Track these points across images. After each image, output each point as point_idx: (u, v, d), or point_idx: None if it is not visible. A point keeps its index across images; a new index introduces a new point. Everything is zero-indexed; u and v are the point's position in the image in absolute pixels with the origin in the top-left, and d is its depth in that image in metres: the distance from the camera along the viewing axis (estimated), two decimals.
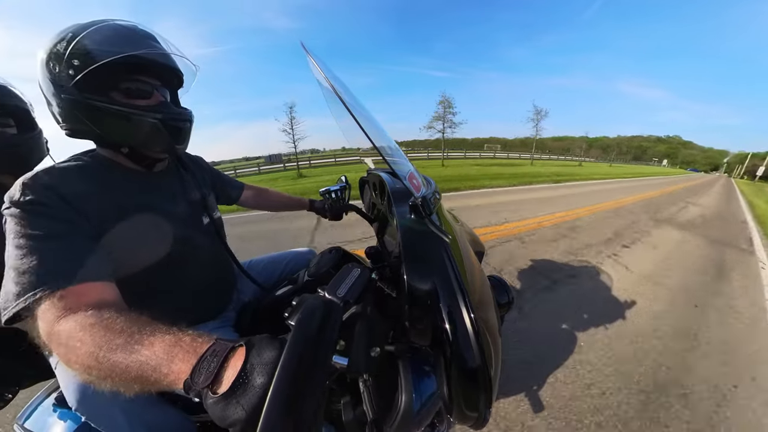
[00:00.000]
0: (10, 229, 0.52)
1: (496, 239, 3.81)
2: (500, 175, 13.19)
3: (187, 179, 0.86)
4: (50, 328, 0.46)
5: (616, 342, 2.00)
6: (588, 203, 6.99)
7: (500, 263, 3.09)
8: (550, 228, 4.51)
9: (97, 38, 0.58)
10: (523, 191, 8.73)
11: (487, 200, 6.72)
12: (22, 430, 0.93)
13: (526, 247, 3.58)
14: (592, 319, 2.20)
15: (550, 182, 11.65)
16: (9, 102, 0.95)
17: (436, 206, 0.78)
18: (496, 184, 9.67)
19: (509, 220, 4.83)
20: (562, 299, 2.45)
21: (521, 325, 2.10)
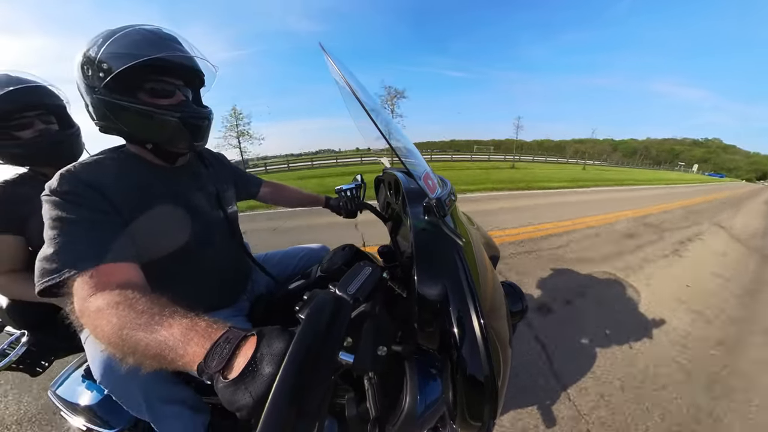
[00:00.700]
0: (47, 213, 0.57)
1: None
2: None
3: (207, 174, 0.90)
4: (82, 305, 0.50)
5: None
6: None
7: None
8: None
9: (124, 43, 0.63)
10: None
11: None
12: (55, 397, 1.02)
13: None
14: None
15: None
16: (51, 101, 1.04)
17: (450, 208, 0.77)
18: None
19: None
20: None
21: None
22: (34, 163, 1.05)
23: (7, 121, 0.95)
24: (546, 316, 2.25)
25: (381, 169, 1.26)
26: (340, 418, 0.60)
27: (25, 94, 0.97)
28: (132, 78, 0.64)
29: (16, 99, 0.94)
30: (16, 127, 0.97)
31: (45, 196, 0.59)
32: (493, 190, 9.44)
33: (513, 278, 2.80)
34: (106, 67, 0.62)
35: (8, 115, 0.94)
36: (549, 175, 17.40)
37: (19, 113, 0.96)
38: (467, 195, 8.26)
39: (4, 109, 0.93)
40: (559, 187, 10.81)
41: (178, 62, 0.68)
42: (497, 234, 4.12)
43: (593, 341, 1.98)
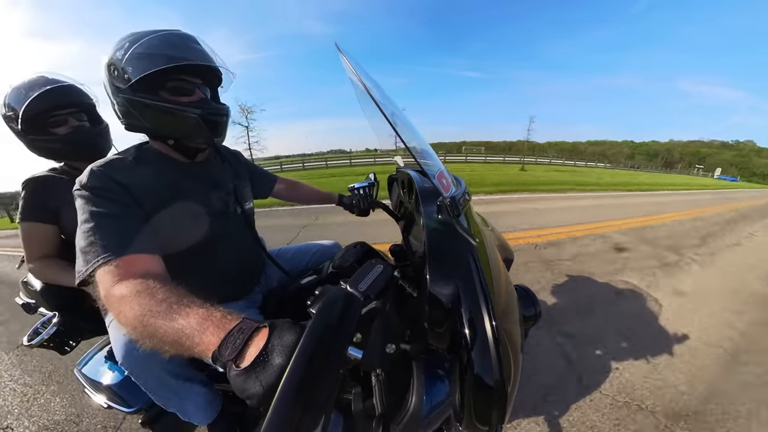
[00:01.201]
0: (78, 207, 0.62)
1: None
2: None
3: (224, 170, 0.93)
4: (107, 292, 0.53)
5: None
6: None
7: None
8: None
9: (149, 46, 0.67)
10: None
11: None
12: (80, 374, 1.09)
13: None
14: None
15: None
16: (83, 100, 1.12)
17: (465, 208, 0.76)
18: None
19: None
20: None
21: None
22: (68, 158, 1.12)
23: (44, 119, 1.03)
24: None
25: (393, 169, 1.26)
26: (346, 412, 0.60)
27: (59, 94, 1.04)
28: (155, 78, 0.67)
29: (52, 98, 1.02)
30: (52, 124, 1.05)
31: (76, 190, 0.64)
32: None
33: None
34: (131, 69, 0.66)
35: (45, 113, 1.02)
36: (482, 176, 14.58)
37: (54, 111, 1.03)
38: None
39: (41, 107, 1.00)
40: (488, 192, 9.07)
41: (198, 63, 0.71)
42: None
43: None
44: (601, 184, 12.57)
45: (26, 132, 1.02)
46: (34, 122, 1.01)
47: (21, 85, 1.02)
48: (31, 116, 1.00)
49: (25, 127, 1.01)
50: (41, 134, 1.04)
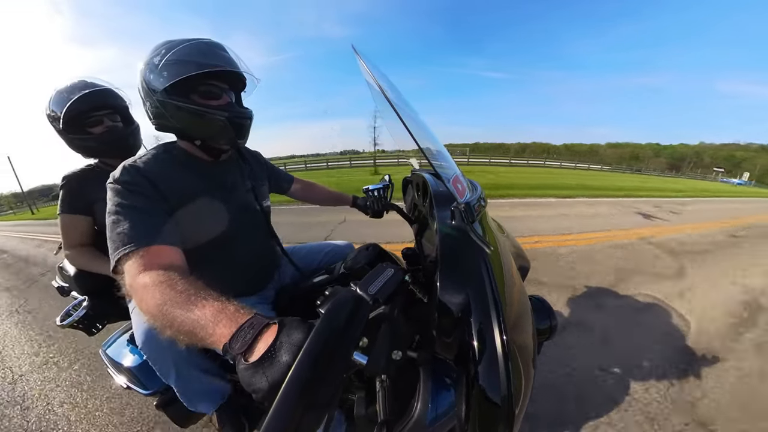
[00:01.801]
0: (109, 199, 0.67)
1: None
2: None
3: (245, 170, 0.97)
4: (132, 281, 0.56)
5: None
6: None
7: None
8: None
9: (182, 54, 0.71)
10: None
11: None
12: (104, 355, 1.18)
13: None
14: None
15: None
16: (117, 102, 1.20)
17: (480, 214, 0.74)
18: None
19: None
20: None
21: None
22: (103, 155, 1.21)
23: (82, 120, 1.12)
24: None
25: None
26: (349, 415, 0.60)
27: (96, 97, 1.13)
28: (187, 83, 0.71)
29: (90, 100, 1.11)
30: (90, 125, 1.14)
31: (109, 183, 0.68)
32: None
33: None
34: (166, 74, 0.70)
35: (83, 114, 1.11)
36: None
37: (92, 113, 1.12)
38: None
39: (80, 109, 1.09)
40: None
41: (226, 69, 0.75)
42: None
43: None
44: (548, 187, 10.11)
45: (67, 131, 1.11)
46: (74, 122, 1.10)
47: (63, 89, 1.12)
48: (72, 117, 1.09)
49: (66, 126, 1.10)
50: (80, 133, 1.13)
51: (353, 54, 0.71)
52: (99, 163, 1.22)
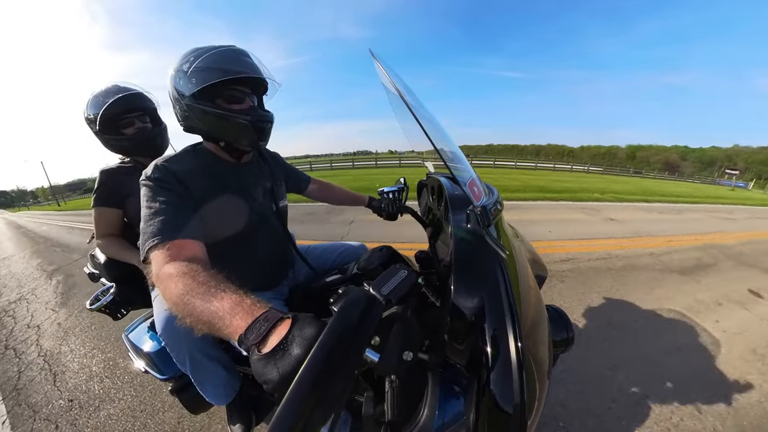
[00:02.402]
0: (142, 194, 0.72)
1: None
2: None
3: (265, 170, 1.01)
4: (158, 270, 0.60)
5: None
6: None
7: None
8: None
9: (208, 61, 0.75)
10: None
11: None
12: (126, 339, 1.24)
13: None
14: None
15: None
16: (147, 105, 1.30)
17: (496, 218, 0.73)
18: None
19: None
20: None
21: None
22: (134, 154, 1.30)
23: (116, 121, 1.21)
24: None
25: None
26: (356, 414, 0.60)
27: (129, 100, 1.23)
28: (213, 88, 0.75)
29: (123, 104, 1.20)
30: (123, 126, 1.23)
31: (141, 180, 0.74)
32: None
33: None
34: (194, 80, 0.74)
35: (117, 116, 1.20)
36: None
37: (124, 115, 1.22)
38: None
39: (114, 111, 1.19)
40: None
41: (249, 75, 0.79)
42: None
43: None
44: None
45: (102, 132, 1.21)
46: (109, 124, 1.20)
47: (99, 93, 1.22)
48: (107, 119, 1.18)
49: (102, 128, 1.19)
50: (114, 134, 1.22)
51: (369, 56, 0.72)
52: (131, 161, 1.30)
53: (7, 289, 3.56)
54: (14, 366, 2.07)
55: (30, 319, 2.74)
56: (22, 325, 2.65)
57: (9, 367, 2.07)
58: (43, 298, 3.19)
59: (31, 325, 2.61)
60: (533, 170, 25.83)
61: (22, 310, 2.95)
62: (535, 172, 23.32)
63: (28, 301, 3.16)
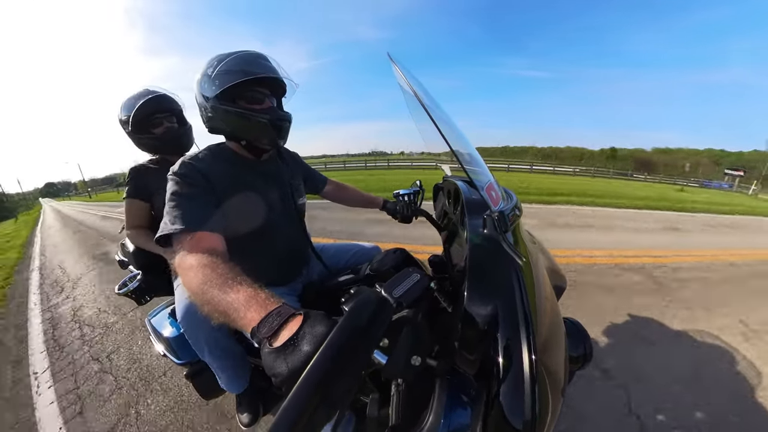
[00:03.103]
0: (168, 188, 0.76)
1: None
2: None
3: (284, 169, 1.04)
4: (180, 260, 0.63)
5: None
6: None
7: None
8: None
9: (230, 64, 0.79)
10: None
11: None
12: (149, 324, 1.32)
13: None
14: None
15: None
16: (174, 106, 1.39)
17: (514, 224, 0.71)
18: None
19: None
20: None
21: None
22: (162, 152, 1.40)
23: (146, 122, 1.31)
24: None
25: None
26: (360, 415, 0.60)
27: (158, 102, 1.33)
28: (234, 89, 0.79)
29: (153, 105, 1.31)
30: (152, 126, 1.33)
31: (169, 175, 0.78)
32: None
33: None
34: (218, 83, 0.79)
35: (147, 116, 1.30)
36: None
37: (154, 115, 1.32)
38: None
39: (145, 112, 1.29)
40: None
41: (269, 76, 0.82)
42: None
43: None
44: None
45: (134, 132, 1.31)
46: (139, 124, 1.30)
47: (131, 96, 1.33)
48: (138, 120, 1.28)
49: (134, 128, 1.30)
50: (144, 133, 1.32)
51: (387, 58, 0.73)
52: (160, 158, 1.39)
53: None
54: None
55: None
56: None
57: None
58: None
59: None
60: (528, 173, 24.87)
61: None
62: (531, 175, 22.60)
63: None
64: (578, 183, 15.43)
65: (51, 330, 2.53)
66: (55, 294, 3.38)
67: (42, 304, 3.15)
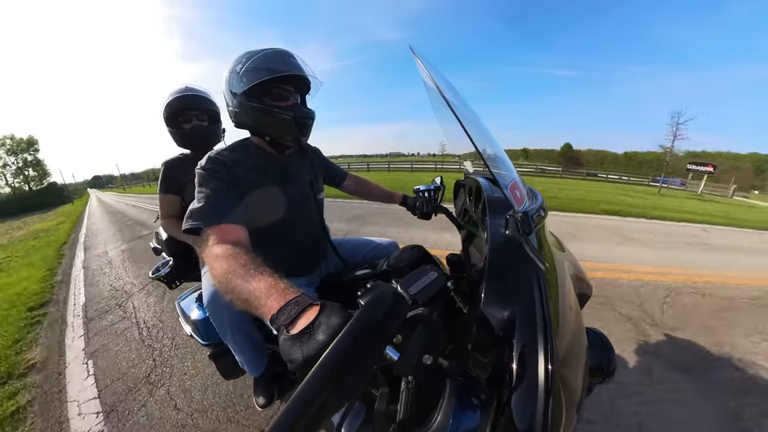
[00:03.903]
0: (197, 181, 0.80)
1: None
2: None
3: (306, 164, 1.06)
4: (206, 250, 0.67)
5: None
6: None
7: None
8: None
9: (257, 62, 0.81)
10: None
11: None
12: (178, 306, 1.41)
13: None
14: None
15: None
16: (207, 107, 1.44)
17: (538, 225, 0.67)
18: None
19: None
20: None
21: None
22: (187, 147, 1.47)
23: (177, 117, 1.38)
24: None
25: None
26: (369, 408, 0.60)
27: (187, 100, 1.39)
28: (260, 86, 0.81)
29: (183, 102, 1.37)
30: (182, 121, 1.40)
31: (197, 169, 0.82)
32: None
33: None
34: (245, 80, 0.81)
35: (180, 111, 1.37)
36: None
37: (185, 112, 1.38)
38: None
39: (179, 106, 1.36)
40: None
41: (293, 74, 0.84)
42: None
43: None
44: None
45: (167, 125, 1.39)
46: (171, 119, 1.38)
47: (172, 92, 1.40)
48: (169, 113, 1.36)
49: (166, 121, 1.38)
50: (174, 127, 1.40)
51: (410, 56, 0.71)
52: (191, 153, 1.47)
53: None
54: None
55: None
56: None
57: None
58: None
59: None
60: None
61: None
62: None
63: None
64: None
65: (89, 238, 6.73)
66: (93, 232, 7.66)
67: (86, 235, 7.34)
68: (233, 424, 1.45)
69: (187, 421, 1.48)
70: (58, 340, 2.34)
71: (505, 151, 0.86)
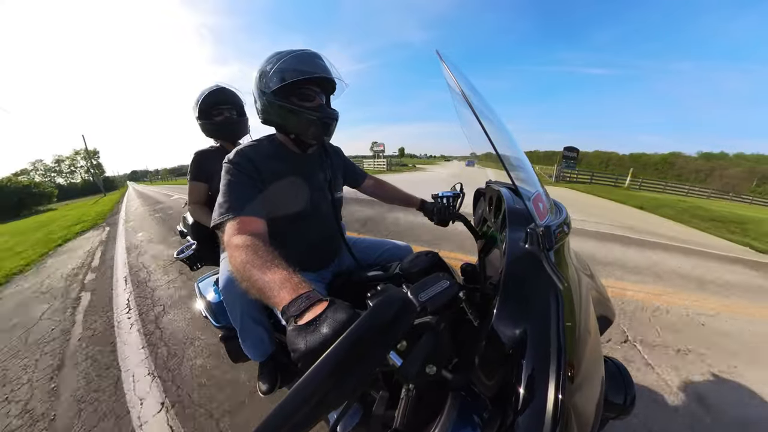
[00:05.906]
0: (223, 173, 0.84)
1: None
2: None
3: (326, 163, 1.08)
4: (228, 239, 0.70)
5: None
6: None
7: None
8: None
9: (286, 62, 0.84)
10: None
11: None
12: (197, 287, 1.50)
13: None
14: None
15: None
16: (235, 101, 1.57)
17: (560, 242, 0.64)
18: None
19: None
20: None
21: None
22: (218, 137, 1.59)
23: (210, 110, 1.50)
24: None
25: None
26: (367, 410, 0.60)
27: (220, 94, 1.52)
28: (288, 87, 0.84)
29: (216, 96, 1.50)
30: (214, 114, 1.52)
31: (225, 162, 0.86)
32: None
33: None
34: (275, 79, 0.84)
35: (213, 104, 1.50)
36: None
37: (217, 106, 1.51)
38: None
39: (212, 100, 1.49)
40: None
41: (320, 75, 0.87)
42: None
43: None
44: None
45: (200, 117, 1.51)
46: (204, 112, 1.50)
47: (204, 89, 1.53)
48: (203, 108, 1.49)
49: (199, 114, 1.50)
50: (207, 119, 1.52)
51: (434, 57, 0.71)
52: (220, 145, 1.58)
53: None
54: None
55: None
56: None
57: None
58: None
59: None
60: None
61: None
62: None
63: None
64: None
65: (128, 201, 14.76)
66: (129, 200, 15.50)
67: (125, 208, 11.37)
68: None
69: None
70: (116, 219, 8.51)
71: (524, 153, 0.83)
